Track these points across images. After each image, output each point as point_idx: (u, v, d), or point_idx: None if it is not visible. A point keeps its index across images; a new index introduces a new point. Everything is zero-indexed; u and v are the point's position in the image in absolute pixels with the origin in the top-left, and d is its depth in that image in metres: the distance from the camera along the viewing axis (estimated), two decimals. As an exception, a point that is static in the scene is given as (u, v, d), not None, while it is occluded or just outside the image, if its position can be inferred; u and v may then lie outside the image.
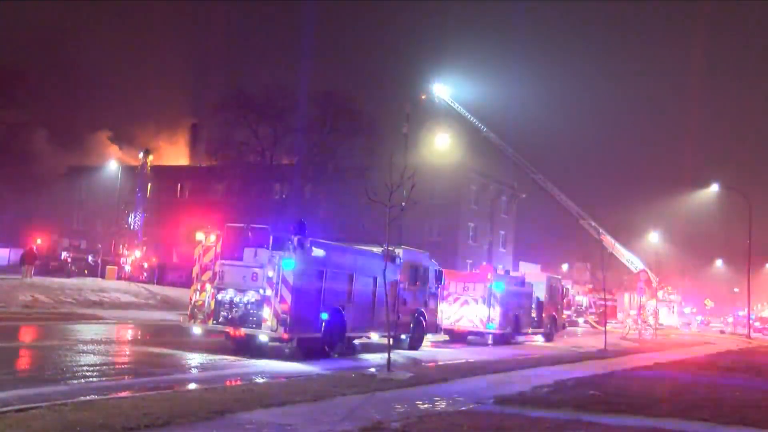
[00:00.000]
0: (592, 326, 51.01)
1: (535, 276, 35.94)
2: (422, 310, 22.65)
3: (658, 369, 19.74)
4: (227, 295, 16.85)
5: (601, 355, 24.24)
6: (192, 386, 12.35)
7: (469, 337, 28.51)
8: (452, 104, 48.48)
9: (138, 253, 52.34)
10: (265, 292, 16.42)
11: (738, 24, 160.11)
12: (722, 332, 57.68)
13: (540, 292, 32.89)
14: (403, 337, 21.67)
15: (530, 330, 31.71)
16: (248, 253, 16.86)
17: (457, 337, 28.14)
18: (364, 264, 19.32)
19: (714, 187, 57.62)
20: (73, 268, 50.94)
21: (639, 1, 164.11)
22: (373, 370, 15.03)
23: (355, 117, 50.12)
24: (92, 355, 15.76)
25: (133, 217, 52.75)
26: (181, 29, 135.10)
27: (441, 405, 11.03)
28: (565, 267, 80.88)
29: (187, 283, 20.49)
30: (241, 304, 16.70)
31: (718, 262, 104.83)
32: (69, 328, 21.52)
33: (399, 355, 19.53)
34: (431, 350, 23.29)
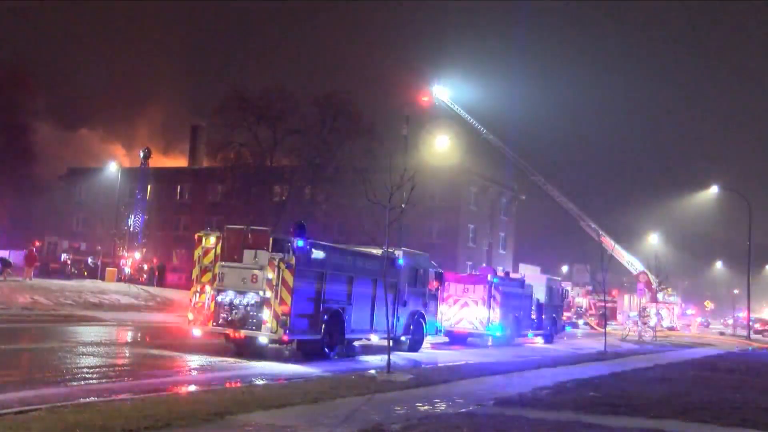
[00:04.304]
0: (592, 328, 50.99)
1: (534, 278, 35.91)
2: (422, 311, 22.62)
3: (658, 370, 19.71)
4: (227, 296, 16.82)
5: (601, 356, 24.20)
6: (192, 388, 12.36)
7: (469, 339, 28.49)
8: (452, 106, 48.56)
9: (138, 255, 52.34)
10: (264, 293, 16.40)
11: (739, 24, 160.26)
12: (722, 334, 57.64)
13: (540, 294, 32.85)
14: (402, 339, 21.65)
15: (530, 332, 31.69)
16: (248, 254, 16.83)
17: (457, 339, 28.12)
18: (364, 266, 19.30)
19: (714, 189, 57.72)
20: (72, 270, 51.00)
21: (639, 2, 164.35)
22: (372, 372, 15.00)
23: (355, 119, 50.11)
24: (92, 357, 15.76)
25: (132, 218, 52.74)
26: (181, 31, 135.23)
27: (441, 407, 11.01)
28: (564, 269, 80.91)
29: (186, 285, 20.47)
30: (240, 306, 16.66)
31: (718, 264, 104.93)
32: (69, 330, 21.53)
33: (399, 356, 19.51)
34: (431, 352, 23.26)
